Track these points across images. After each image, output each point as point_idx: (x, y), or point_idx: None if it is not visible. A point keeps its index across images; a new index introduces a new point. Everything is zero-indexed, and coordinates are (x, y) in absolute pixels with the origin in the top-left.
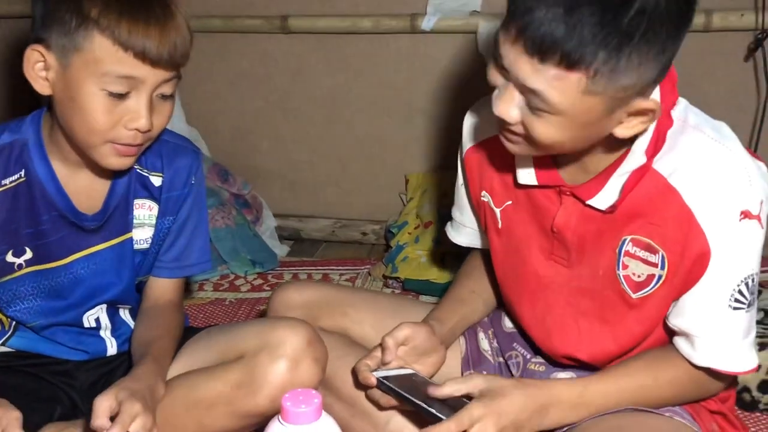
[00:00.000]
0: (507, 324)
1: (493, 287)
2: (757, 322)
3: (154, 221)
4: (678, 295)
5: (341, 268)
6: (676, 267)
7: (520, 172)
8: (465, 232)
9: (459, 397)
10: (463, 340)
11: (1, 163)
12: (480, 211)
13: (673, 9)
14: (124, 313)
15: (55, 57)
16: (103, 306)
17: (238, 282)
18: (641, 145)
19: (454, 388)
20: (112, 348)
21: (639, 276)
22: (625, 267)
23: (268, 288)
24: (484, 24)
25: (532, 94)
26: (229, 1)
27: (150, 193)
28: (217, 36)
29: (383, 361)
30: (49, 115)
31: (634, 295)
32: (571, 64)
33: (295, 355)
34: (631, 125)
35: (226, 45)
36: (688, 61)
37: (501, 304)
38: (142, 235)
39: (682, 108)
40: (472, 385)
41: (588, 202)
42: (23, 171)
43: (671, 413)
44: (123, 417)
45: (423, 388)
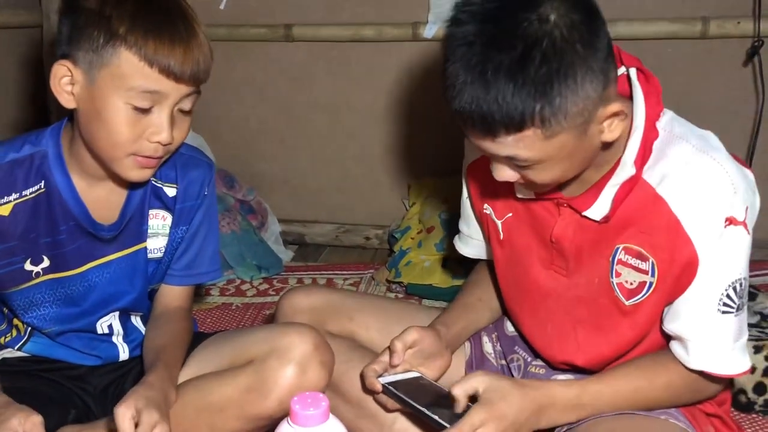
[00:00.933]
0: (509, 328)
1: (499, 296)
2: (752, 326)
3: (167, 231)
4: (669, 301)
5: (345, 272)
6: (665, 274)
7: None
8: (472, 244)
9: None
10: (467, 343)
11: (21, 175)
12: (483, 223)
13: (573, 35)
14: (136, 320)
15: (82, 72)
16: (116, 313)
17: (244, 287)
18: (630, 156)
19: (459, 392)
20: (124, 353)
21: (631, 283)
22: (618, 275)
23: (273, 293)
24: None
25: (509, 159)
26: (234, 10)
27: (164, 203)
28: (222, 44)
29: (391, 363)
30: (69, 127)
31: (627, 302)
32: (518, 127)
33: (303, 360)
34: (612, 128)
35: (230, 53)
36: (685, 68)
37: (503, 309)
38: (156, 244)
39: (667, 119)
40: (475, 383)
41: (584, 213)
42: (43, 182)
43: (667, 416)
44: (144, 428)
45: (429, 391)
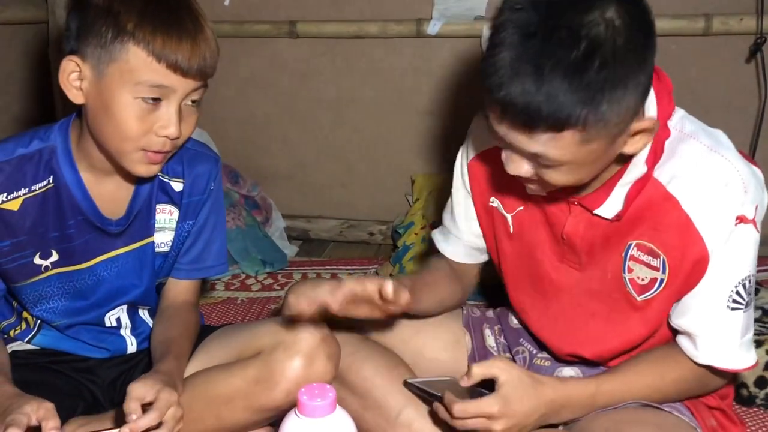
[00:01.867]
0: (513, 321)
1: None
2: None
3: (174, 225)
4: (679, 297)
5: (349, 267)
6: (676, 270)
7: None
8: (455, 243)
9: (480, 388)
10: (468, 338)
11: (30, 170)
12: (488, 218)
13: (631, 46)
14: (144, 313)
15: (91, 67)
16: (124, 306)
17: (249, 281)
18: (641, 155)
19: (478, 371)
20: (132, 346)
21: (643, 279)
22: (630, 270)
23: (278, 287)
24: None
25: (534, 156)
26: (239, 7)
27: (171, 198)
28: (227, 41)
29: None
30: (77, 123)
31: (639, 298)
32: (559, 127)
33: (309, 352)
34: (635, 142)
35: (235, 49)
36: (689, 65)
37: (507, 303)
38: (163, 238)
39: (678, 117)
40: (497, 371)
41: (595, 212)
42: (51, 177)
43: (670, 408)
44: (160, 404)
45: (453, 388)
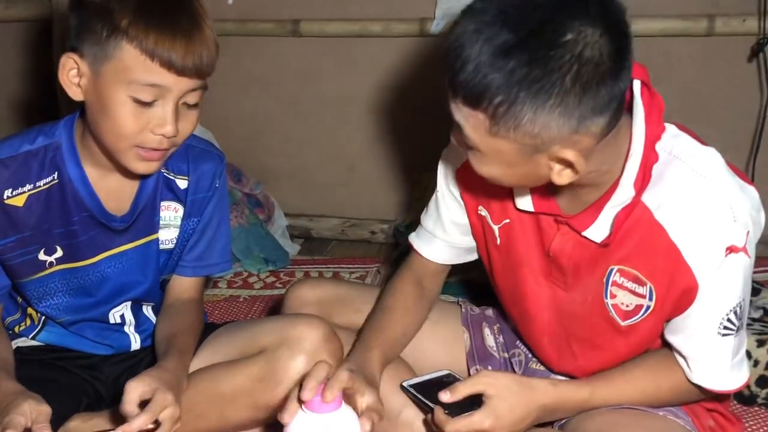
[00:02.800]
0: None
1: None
2: (756, 320)
3: (179, 222)
4: (668, 320)
5: (351, 266)
6: (663, 298)
7: (518, 197)
8: (434, 244)
9: (473, 397)
10: (467, 336)
11: (36, 166)
12: (478, 225)
13: (588, 68)
14: (148, 310)
15: (88, 65)
16: (128, 303)
17: (251, 279)
18: (629, 178)
19: (464, 390)
20: (135, 343)
21: (627, 306)
22: (613, 296)
23: (280, 285)
24: None
25: (459, 128)
26: (242, 6)
27: (176, 195)
28: (230, 39)
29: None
30: (82, 120)
31: (623, 323)
32: (474, 103)
33: (313, 350)
34: (558, 172)
35: (238, 48)
36: (691, 65)
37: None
38: (168, 235)
39: (668, 138)
40: (482, 386)
41: (583, 234)
42: (56, 173)
43: (666, 412)
44: (154, 405)
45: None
